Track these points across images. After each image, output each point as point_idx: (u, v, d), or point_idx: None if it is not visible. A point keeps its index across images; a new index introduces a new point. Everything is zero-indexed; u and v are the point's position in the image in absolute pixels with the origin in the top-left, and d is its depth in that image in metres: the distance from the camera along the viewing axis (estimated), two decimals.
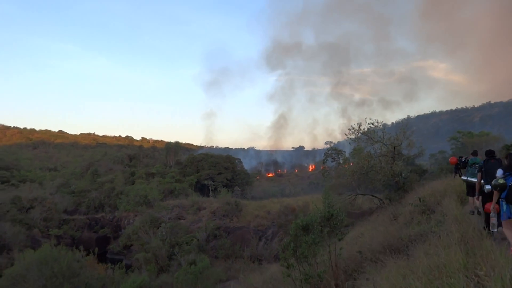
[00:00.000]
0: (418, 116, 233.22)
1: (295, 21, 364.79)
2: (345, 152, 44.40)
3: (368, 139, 23.69)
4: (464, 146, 37.51)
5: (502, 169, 6.41)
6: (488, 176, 7.50)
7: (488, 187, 7.18)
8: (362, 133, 23.58)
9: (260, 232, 37.73)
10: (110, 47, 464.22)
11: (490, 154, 8.00)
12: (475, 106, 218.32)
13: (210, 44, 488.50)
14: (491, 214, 6.40)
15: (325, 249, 7.72)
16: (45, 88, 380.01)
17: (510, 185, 5.92)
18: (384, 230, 10.40)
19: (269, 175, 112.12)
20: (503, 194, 6.03)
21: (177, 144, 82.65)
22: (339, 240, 7.52)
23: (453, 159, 10.84)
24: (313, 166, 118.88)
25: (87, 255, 43.62)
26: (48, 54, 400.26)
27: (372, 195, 25.04)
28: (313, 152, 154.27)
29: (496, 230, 6.39)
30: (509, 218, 5.92)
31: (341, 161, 37.26)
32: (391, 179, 23.12)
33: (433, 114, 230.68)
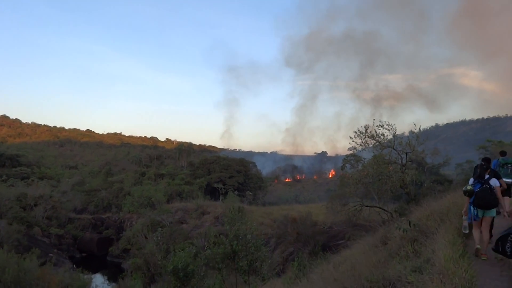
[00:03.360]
0: (447, 124, 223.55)
1: (319, 21, 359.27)
2: (365, 158, 41.27)
3: (376, 144, 20.86)
4: (493, 156, 33.91)
5: (473, 177, 7.08)
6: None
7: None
8: (369, 137, 20.77)
9: (262, 242, 35.06)
10: (139, 49, 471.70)
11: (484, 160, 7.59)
12: (508, 115, 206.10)
13: (234, 47, 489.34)
14: (463, 217, 7.09)
15: None
16: (76, 88, 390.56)
17: (476, 191, 6.72)
18: (360, 262, 7.75)
19: (287, 180, 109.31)
20: (471, 199, 6.81)
21: (190, 145, 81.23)
22: None
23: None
24: (333, 173, 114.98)
25: (86, 257, 41.98)
26: (79, 55, 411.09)
27: (379, 208, 22.05)
28: (336, 158, 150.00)
29: (467, 231, 7.04)
30: (475, 220, 6.78)
31: (360, 168, 34.51)
32: (401, 189, 20.20)
33: (463, 123, 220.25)
